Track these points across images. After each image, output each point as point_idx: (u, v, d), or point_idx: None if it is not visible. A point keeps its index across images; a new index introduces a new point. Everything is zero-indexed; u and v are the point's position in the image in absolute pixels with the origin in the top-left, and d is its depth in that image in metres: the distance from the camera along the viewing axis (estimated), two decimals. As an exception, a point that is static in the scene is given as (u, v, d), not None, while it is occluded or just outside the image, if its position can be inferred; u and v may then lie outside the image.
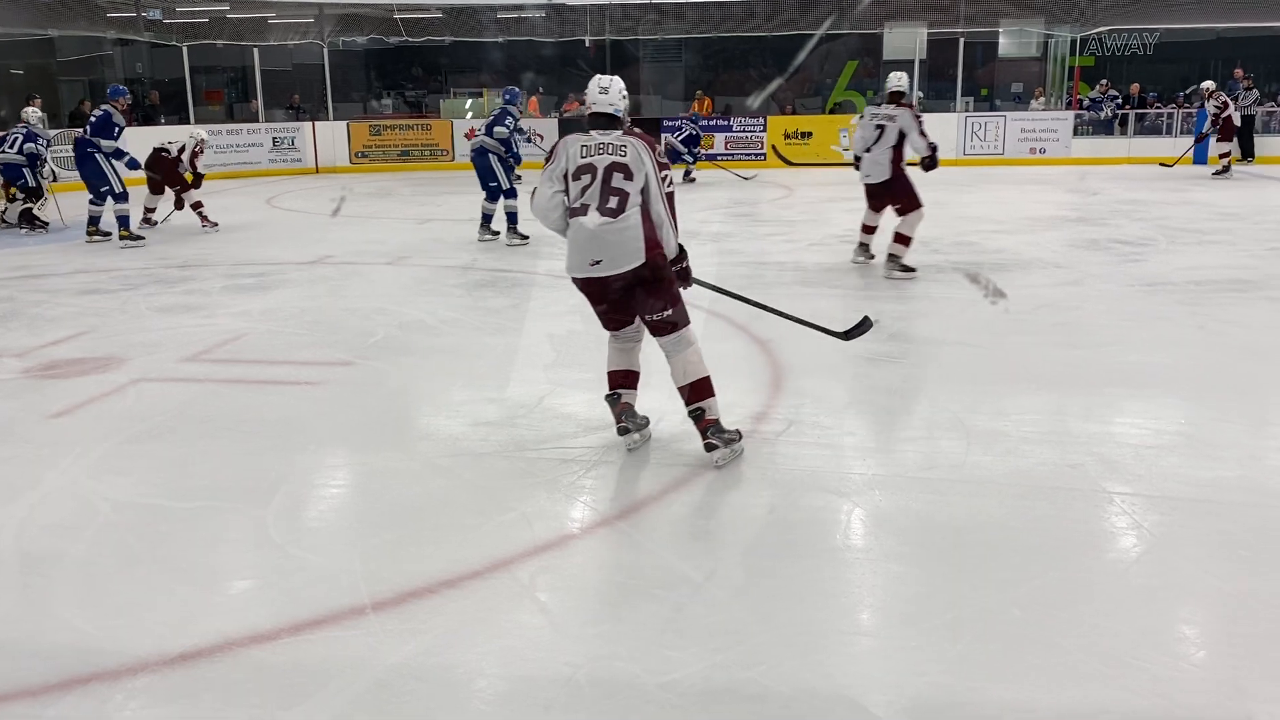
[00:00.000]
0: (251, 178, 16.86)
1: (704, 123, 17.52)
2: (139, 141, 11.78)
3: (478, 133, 9.65)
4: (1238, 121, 15.24)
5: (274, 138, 17.57)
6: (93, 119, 9.87)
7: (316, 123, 18.22)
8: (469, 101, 21.47)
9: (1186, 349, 5.38)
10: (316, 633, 2.60)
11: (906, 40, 19.11)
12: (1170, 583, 2.81)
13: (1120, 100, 18.88)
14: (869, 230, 7.82)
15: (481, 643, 2.56)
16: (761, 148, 18.42)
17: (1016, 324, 5.91)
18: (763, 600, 2.74)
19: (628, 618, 2.67)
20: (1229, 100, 15.22)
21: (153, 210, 10.74)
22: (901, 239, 7.31)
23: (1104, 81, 19.61)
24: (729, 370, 5.05)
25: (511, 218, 9.41)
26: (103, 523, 3.29)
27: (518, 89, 9.92)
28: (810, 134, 18.59)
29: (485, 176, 9.41)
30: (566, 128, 18.75)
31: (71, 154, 10.28)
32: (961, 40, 18.51)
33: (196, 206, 10.58)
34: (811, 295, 6.84)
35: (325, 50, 18.53)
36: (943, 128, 18.06)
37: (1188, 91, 20.10)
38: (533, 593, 2.81)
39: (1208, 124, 15.50)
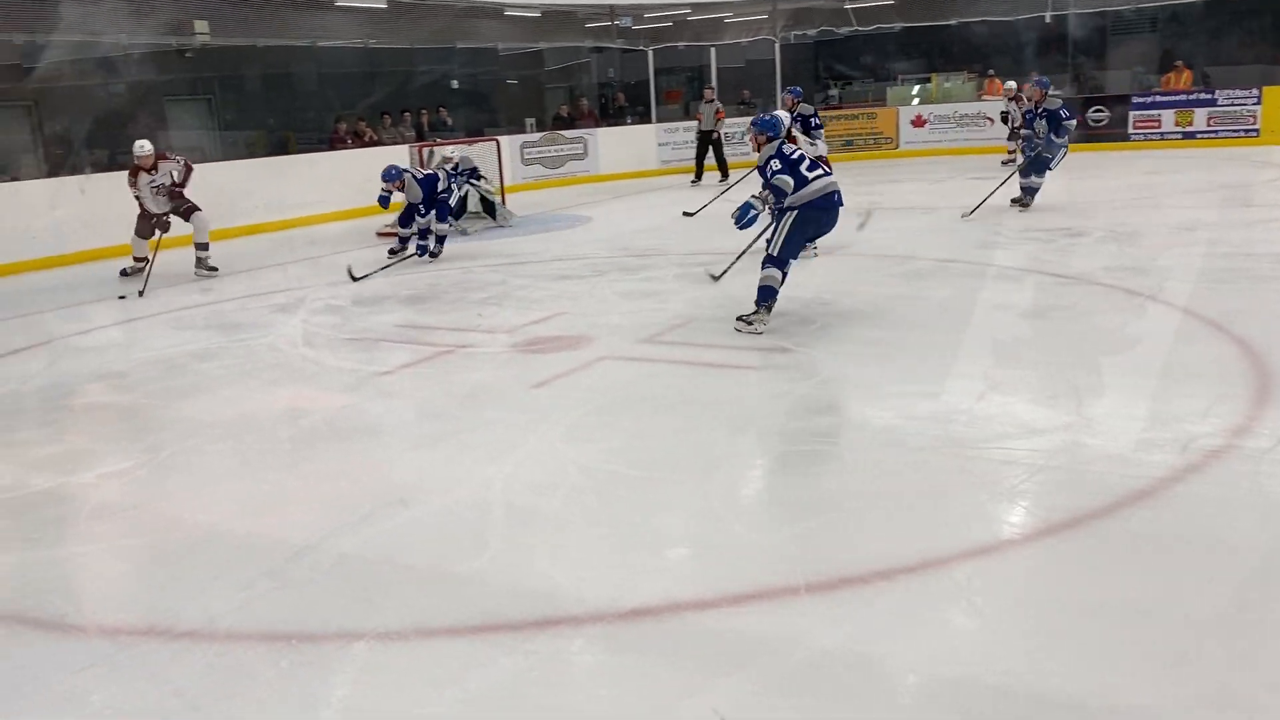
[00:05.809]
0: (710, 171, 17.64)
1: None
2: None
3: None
4: None
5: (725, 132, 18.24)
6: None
7: (761, 116, 18.77)
8: (916, 88, 20.97)
9: None
10: (752, 606, 2.73)
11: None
12: None
13: None
14: None
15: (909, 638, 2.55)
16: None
17: None
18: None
19: (1059, 639, 2.51)
20: None
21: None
22: None
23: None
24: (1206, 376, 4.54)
25: None
26: (571, 484, 3.68)
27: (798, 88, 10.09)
28: None
29: None
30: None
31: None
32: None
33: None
34: None
35: (777, 45, 19.01)
36: None
37: None
38: (969, 595, 2.74)
39: None
